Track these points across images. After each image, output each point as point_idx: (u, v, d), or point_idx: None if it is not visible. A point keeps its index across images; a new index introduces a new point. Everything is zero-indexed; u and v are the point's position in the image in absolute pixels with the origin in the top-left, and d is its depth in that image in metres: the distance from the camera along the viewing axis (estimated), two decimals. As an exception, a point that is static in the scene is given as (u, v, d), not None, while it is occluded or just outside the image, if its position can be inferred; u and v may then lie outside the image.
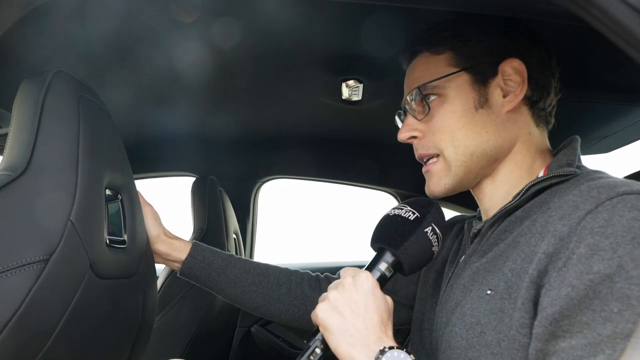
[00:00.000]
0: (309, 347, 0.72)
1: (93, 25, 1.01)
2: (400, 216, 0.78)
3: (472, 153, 0.79)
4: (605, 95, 1.17)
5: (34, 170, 0.62)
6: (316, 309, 0.71)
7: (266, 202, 2.27)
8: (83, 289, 0.65)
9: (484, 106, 0.79)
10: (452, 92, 0.80)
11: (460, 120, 0.79)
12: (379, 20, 0.99)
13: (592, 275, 0.56)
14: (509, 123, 0.79)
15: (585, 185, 0.65)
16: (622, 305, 0.54)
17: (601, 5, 0.44)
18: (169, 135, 1.88)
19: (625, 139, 1.42)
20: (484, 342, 0.66)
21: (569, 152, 0.77)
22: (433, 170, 0.84)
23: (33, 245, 0.58)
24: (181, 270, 1.02)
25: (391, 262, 0.76)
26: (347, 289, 0.70)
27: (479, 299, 0.71)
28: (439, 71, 0.81)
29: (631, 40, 0.43)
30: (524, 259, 0.66)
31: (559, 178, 0.72)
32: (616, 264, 0.55)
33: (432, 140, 0.82)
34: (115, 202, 0.80)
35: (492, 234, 0.77)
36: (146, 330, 0.92)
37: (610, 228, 0.57)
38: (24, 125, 0.65)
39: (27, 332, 0.57)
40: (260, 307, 1.03)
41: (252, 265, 1.06)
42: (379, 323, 0.68)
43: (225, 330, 1.94)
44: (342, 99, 1.43)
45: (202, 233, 1.56)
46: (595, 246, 0.57)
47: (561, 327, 0.57)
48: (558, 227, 0.62)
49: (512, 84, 0.79)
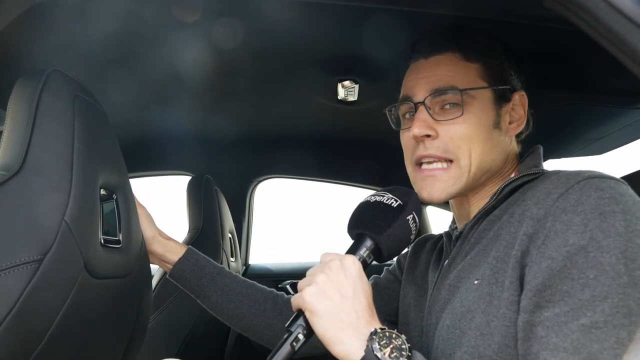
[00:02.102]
0: (291, 333, 0.69)
1: (93, 25, 1.01)
2: (382, 202, 0.78)
3: (482, 168, 0.82)
4: (600, 98, 1.18)
5: (29, 169, 0.62)
6: (302, 293, 0.69)
7: (262, 202, 2.28)
8: (77, 288, 0.65)
9: (497, 127, 0.82)
10: (478, 105, 0.81)
11: (482, 135, 0.81)
12: (375, 22, 0.99)
13: (568, 247, 0.61)
14: (508, 147, 0.85)
15: (554, 176, 0.71)
16: (597, 271, 0.59)
17: (592, 10, 0.44)
18: (165, 134, 1.87)
19: (619, 141, 1.43)
20: (474, 325, 0.69)
21: (534, 157, 0.83)
22: (441, 176, 0.82)
23: (27, 245, 0.58)
24: (172, 271, 1.02)
25: (371, 248, 0.76)
26: (335, 272, 0.69)
27: (467, 290, 0.73)
28: (470, 80, 0.81)
29: (621, 45, 0.44)
30: (506, 246, 0.70)
31: (529, 176, 0.78)
32: (588, 236, 0.61)
33: (449, 145, 0.81)
34: (110, 202, 0.80)
35: (473, 234, 0.80)
36: (141, 329, 0.93)
37: (580, 206, 0.63)
38: (18, 125, 0.65)
39: (21, 332, 0.57)
40: (245, 318, 1.03)
41: (241, 279, 1.07)
42: (366, 306, 0.68)
43: (220, 330, 1.94)
44: (338, 99, 1.44)
45: (197, 232, 1.56)
46: (569, 222, 0.63)
47: (544, 298, 0.62)
48: (534, 210, 0.68)
49: (516, 113, 0.85)
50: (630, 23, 0.42)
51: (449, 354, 0.73)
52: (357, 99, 1.44)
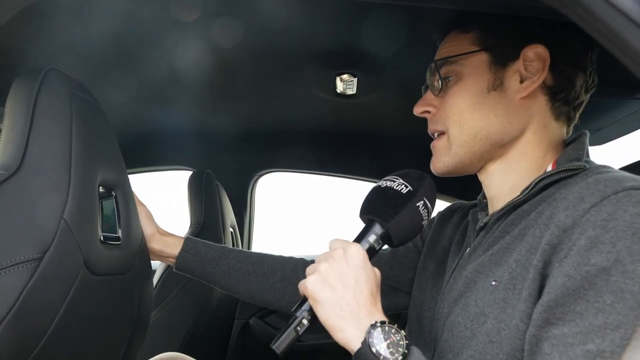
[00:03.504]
0: (296, 318, 0.71)
1: (92, 24, 1.01)
2: (392, 189, 0.77)
3: (476, 135, 0.78)
4: (599, 88, 1.17)
5: (27, 168, 0.62)
6: (306, 280, 0.70)
7: (263, 196, 2.28)
8: (78, 286, 0.66)
9: (497, 89, 0.77)
10: (467, 71, 0.79)
11: (470, 100, 0.78)
12: (373, 15, 0.99)
13: (589, 267, 0.57)
14: (521, 110, 0.77)
15: (592, 178, 0.64)
16: (616, 297, 0.55)
17: (586, 5, 0.44)
18: (165, 130, 1.88)
19: (619, 132, 1.43)
20: (484, 330, 0.67)
21: (577, 147, 0.75)
22: (436, 146, 0.84)
23: (26, 243, 0.59)
24: (176, 264, 1.03)
25: (380, 234, 0.76)
26: (337, 262, 0.69)
27: (484, 290, 0.71)
28: (461, 49, 0.80)
29: (614, 40, 0.44)
30: (528, 250, 0.67)
31: (567, 172, 0.71)
32: (614, 257, 0.56)
33: (442, 116, 0.82)
34: (110, 199, 0.81)
35: (499, 227, 0.76)
36: (143, 325, 0.93)
37: (612, 222, 0.57)
38: (16, 124, 0.65)
39: (21, 330, 0.58)
40: (256, 294, 1.04)
41: (245, 255, 1.07)
42: (369, 296, 0.68)
43: (223, 323, 1.96)
44: (336, 92, 1.44)
45: (198, 227, 1.57)
46: (596, 239, 0.57)
47: (554, 315, 0.59)
48: (562, 218, 0.63)
49: (532, 69, 0.76)
50: (624, 17, 0.41)
51: (457, 352, 0.72)
52: (355, 92, 1.43)
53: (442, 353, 0.75)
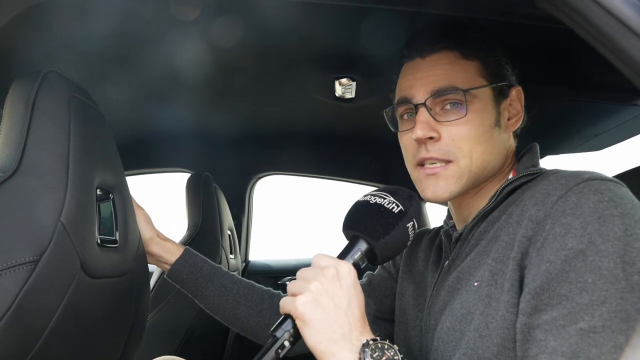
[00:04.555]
0: (277, 340, 0.66)
1: (92, 24, 1.01)
2: (382, 206, 0.74)
3: (485, 167, 0.80)
4: (597, 95, 1.18)
5: (25, 171, 0.62)
6: (295, 300, 0.65)
7: (261, 198, 2.28)
8: (74, 288, 0.65)
9: (498, 124, 0.81)
10: (479, 104, 0.79)
11: (484, 135, 0.79)
12: (372, 20, 0.99)
13: (567, 250, 0.61)
14: (507, 143, 0.84)
15: (553, 176, 0.70)
16: (595, 275, 0.59)
17: (582, 11, 0.44)
18: (164, 132, 1.88)
19: (617, 138, 1.43)
20: (473, 327, 0.68)
21: (532, 156, 0.83)
22: (443, 174, 0.80)
23: (23, 246, 0.59)
24: (170, 271, 1.02)
25: (365, 252, 0.73)
26: (330, 281, 0.66)
27: (467, 292, 0.73)
28: (470, 79, 0.79)
29: (610, 45, 0.44)
30: (505, 247, 0.70)
31: (528, 177, 0.77)
32: (587, 240, 0.60)
33: (450, 146, 0.78)
34: (107, 202, 0.81)
35: (473, 236, 0.79)
36: (139, 328, 0.93)
37: (579, 209, 0.63)
38: (14, 126, 0.65)
39: (17, 333, 0.58)
40: (241, 319, 1.03)
41: (238, 279, 1.07)
42: (360, 318, 0.66)
43: (220, 327, 1.94)
44: (335, 96, 1.44)
45: (196, 229, 1.57)
46: (568, 225, 0.62)
47: (542, 301, 0.61)
48: (533, 212, 0.67)
49: (513, 109, 0.84)
50: (620, 24, 0.42)
51: (448, 356, 0.72)
52: (354, 96, 1.44)
53: None
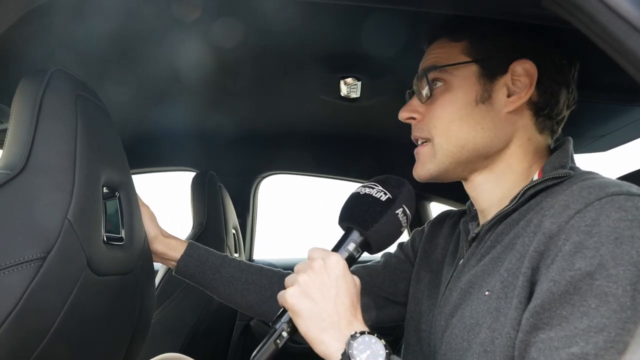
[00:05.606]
0: (275, 330, 0.71)
1: (95, 24, 1.02)
2: (371, 196, 0.76)
3: (463, 145, 0.79)
4: (603, 95, 1.17)
5: (32, 169, 0.63)
6: (285, 292, 0.69)
7: (266, 198, 2.28)
8: (80, 285, 0.66)
9: (485, 102, 0.78)
10: (457, 82, 0.79)
11: (459, 112, 0.78)
12: (376, 19, 0.99)
13: (573, 272, 0.58)
14: (507, 124, 0.78)
15: (577, 186, 0.65)
16: (600, 301, 0.56)
17: (588, 11, 0.44)
18: (169, 131, 1.88)
19: (623, 138, 1.43)
20: (479, 341, 0.67)
21: (561, 154, 0.76)
22: (420, 152, 0.84)
23: (30, 243, 0.59)
24: (177, 268, 1.03)
25: (359, 242, 0.75)
26: (317, 273, 0.68)
27: (478, 301, 0.71)
28: (452, 58, 0.80)
29: (617, 46, 0.44)
30: (518, 259, 0.67)
31: (553, 180, 0.72)
32: (597, 262, 0.57)
33: (428, 124, 0.82)
34: (113, 200, 0.81)
35: (490, 237, 0.77)
36: (144, 325, 0.94)
37: (596, 227, 0.58)
38: (22, 124, 0.66)
39: (24, 329, 0.58)
40: (253, 305, 1.04)
41: (246, 265, 1.07)
42: (349, 307, 0.67)
43: (224, 325, 1.96)
44: (340, 96, 1.44)
45: (201, 228, 1.58)
46: (580, 244, 0.58)
47: (541, 320, 0.60)
48: (548, 225, 0.64)
49: (519, 85, 0.77)
50: (627, 24, 0.42)
51: None
52: (359, 95, 1.44)
53: None
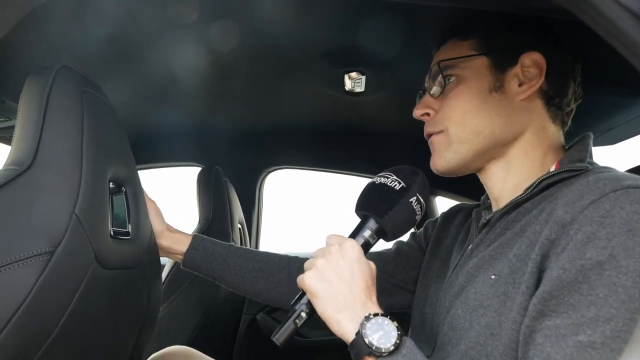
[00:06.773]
0: (295, 311, 0.75)
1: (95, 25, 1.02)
2: (386, 185, 0.80)
3: (479, 132, 0.79)
4: (611, 88, 1.16)
5: (40, 165, 0.63)
6: (304, 276, 0.73)
7: (272, 192, 2.29)
8: (88, 279, 0.67)
9: (498, 90, 0.79)
10: (469, 74, 0.81)
11: (473, 101, 0.80)
12: (380, 14, 0.99)
13: (584, 261, 0.58)
14: (521, 111, 0.79)
15: (593, 177, 0.66)
16: (608, 291, 0.56)
17: (596, 5, 0.44)
18: (175, 126, 1.89)
19: (630, 132, 1.41)
20: (485, 323, 0.69)
21: (580, 148, 0.77)
22: (435, 142, 0.85)
23: (39, 237, 0.60)
24: (184, 261, 1.04)
25: (375, 230, 0.79)
26: (333, 257, 0.72)
27: (483, 284, 0.73)
28: (462, 53, 0.82)
29: (624, 41, 0.43)
30: (528, 246, 0.68)
31: (570, 173, 0.72)
32: (609, 252, 0.57)
33: (442, 117, 0.83)
34: (120, 195, 0.82)
35: (500, 224, 0.78)
36: (151, 318, 0.95)
37: (609, 219, 0.59)
38: (29, 121, 0.66)
39: (34, 322, 0.59)
40: (262, 292, 1.06)
41: (252, 253, 1.08)
42: (364, 289, 0.70)
43: (231, 318, 1.97)
44: (345, 90, 1.44)
45: (207, 223, 1.58)
46: (592, 234, 0.59)
47: (549, 307, 0.60)
48: (561, 214, 0.64)
49: (529, 75, 0.79)
50: (633, 18, 0.41)
51: (455, 343, 0.73)
52: (364, 90, 1.43)
53: (441, 345, 0.78)
